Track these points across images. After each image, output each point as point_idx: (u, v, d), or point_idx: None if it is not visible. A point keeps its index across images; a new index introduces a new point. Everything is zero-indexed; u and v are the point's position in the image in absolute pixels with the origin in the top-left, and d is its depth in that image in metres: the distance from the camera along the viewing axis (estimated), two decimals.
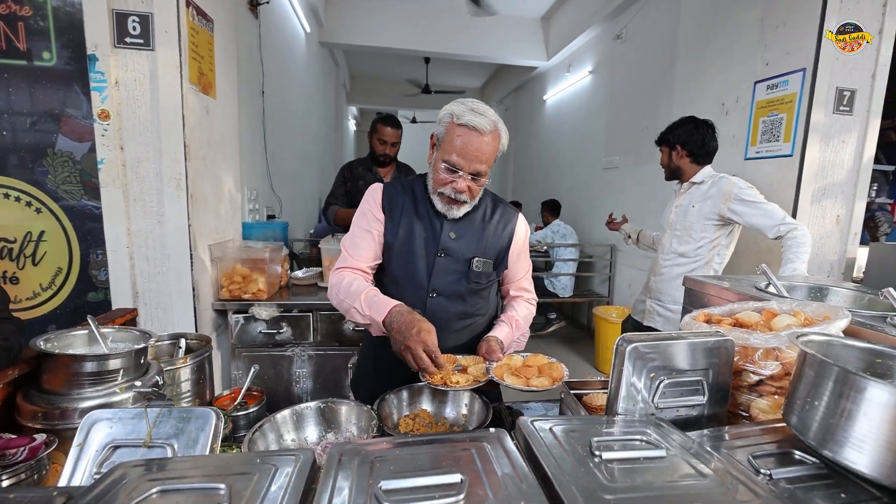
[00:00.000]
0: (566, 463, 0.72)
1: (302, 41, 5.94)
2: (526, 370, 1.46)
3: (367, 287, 1.57)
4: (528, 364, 1.52)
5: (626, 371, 0.92)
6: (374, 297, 1.52)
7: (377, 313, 1.48)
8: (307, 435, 1.47)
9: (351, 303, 1.54)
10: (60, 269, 2.43)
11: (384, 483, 0.64)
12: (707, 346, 0.97)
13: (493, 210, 1.75)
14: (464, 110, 1.52)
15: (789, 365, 1.03)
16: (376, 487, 0.63)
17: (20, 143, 2.30)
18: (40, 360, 1.21)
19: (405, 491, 0.63)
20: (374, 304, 1.50)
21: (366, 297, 1.52)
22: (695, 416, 0.97)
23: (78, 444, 0.85)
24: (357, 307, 1.52)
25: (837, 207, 2.98)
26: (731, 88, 3.48)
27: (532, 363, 1.53)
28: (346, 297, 1.56)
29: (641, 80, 5.42)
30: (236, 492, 0.63)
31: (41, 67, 2.28)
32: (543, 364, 1.53)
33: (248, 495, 0.63)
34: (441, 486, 0.64)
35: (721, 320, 1.23)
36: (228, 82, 2.90)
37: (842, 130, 2.91)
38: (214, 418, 0.87)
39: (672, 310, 2.63)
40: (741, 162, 3.34)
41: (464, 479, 0.65)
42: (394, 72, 11.42)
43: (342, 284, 1.60)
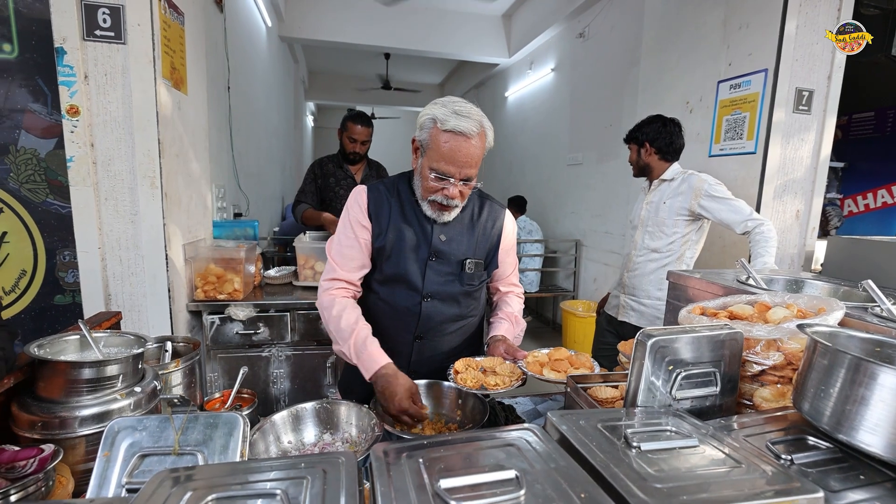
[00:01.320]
0: (608, 455, 0.74)
1: (263, 36, 5.81)
2: (559, 364, 1.51)
3: (354, 327, 1.56)
4: (557, 358, 1.55)
5: (647, 364, 0.95)
6: (363, 348, 1.53)
7: (364, 369, 1.51)
8: (304, 436, 1.46)
9: (340, 343, 1.57)
10: (24, 271, 2.32)
11: (443, 482, 0.65)
12: (719, 339, 1.02)
13: (481, 208, 1.74)
14: (447, 114, 1.47)
15: (791, 355, 1.09)
16: (436, 486, 0.64)
17: None
18: (34, 367, 1.16)
19: (465, 489, 0.64)
20: (362, 358, 1.52)
21: (355, 344, 1.54)
22: (707, 406, 1.02)
23: (104, 453, 0.82)
24: (345, 351, 1.56)
25: (797, 203, 3.14)
26: (695, 88, 3.61)
27: (560, 356, 1.56)
28: (336, 331, 1.58)
29: (605, 78, 5.55)
30: (293, 496, 0.63)
31: (2, 60, 2.16)
32: (570, 356, 1.57)
33: (306, 499, 0.63)
34: (498, 483, 0.66)
35: (716, 313, 1.29)
36: (199, 77, 2.81)
37: (801, 129, 3.06)
38: (242, 423, 0.86)
39: (646, 304, 2.72)
40: (705, 159, 3.48)
41: (518, 475, 0.67)
42: (353, 67, 11.34)
43: (332, 314, 1.59)
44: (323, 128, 15.63)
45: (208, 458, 0.81)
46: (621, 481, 0.66)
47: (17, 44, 2.17)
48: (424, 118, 1.52)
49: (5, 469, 0.93)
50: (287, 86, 8.12)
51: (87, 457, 1.11)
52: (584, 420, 0.87)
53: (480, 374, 1.51)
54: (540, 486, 0.65)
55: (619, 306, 2.86)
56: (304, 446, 1.42)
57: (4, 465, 0.93)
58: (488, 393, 1.43)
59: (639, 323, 2.74)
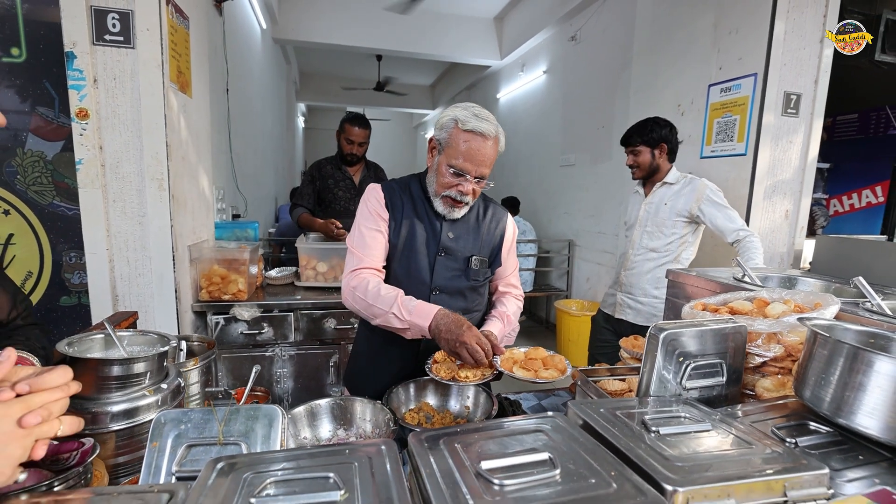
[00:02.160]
0: (630, 438, 0.80)
1: (258, 38, 5.84)
2: (531, 363, 1.54)
3: (397, 292, 1.59)
4: (532, 357, 1.60)
5: (660, 356, 1.01)
6: (413, 303, 1.56)
7: (420, 318, 1.53)
8: (320, 432, 1.50)
9: (386, 308, 1.56)
10: (31, 272, 2.35)
11: (483, 463, 0.70)
12: (725, 332, 1.08)
13: (486, 210, 1.84)
14: (468, 116, 1.60)
15: (791, 347, 1.15)
16: (478, 467, 0.70)
17: None
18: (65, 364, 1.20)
19: (504, 469, 0.70)
20: (416, 311, 1.54)
21: (402, 302, 1.56)
22: (714, 395, 1.08)
23: (153, 444, 0.86)
24: (395, 313, 1.55)
25: (786, 203, 3.23)
26: (686, 91, 3.69)
27: (535, 356, 1.60)
28: (377, 301, 1.58)
29: (597, 81, 5.64)
30: (347, 479, 0.68)
31: (10, 64, 2.19)
32: (546, 356, 1.62)
33: (358, 481, 0.68)
34: (534, 464, 0.72)
35: (717, 309, 1.35)
36: (202, 80, 2.85)
37: (789, 131, 3.15)
38: (280, 415, 0.90)
39: (643, 302, 2.79)
40: (697, 160, 3.56)
41: (552, 457, 0.72)
42: (345, 69, 11.35)
43: (368, 289, 1.60)
44: (314, 129, 15.61)
45: (251, 448, 0.86)
46: (646, 461, 0.72)
47: (25, 47, 2.19)
48: (446, 118, 1.64)
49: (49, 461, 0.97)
50: (280, 87, 8.15)
51: (117, 451, 1.15)
52: (604, 408, 0.93)
53: (455, 365, 1.55)
54: (572, 465, 0.71)
55: (616, 304, 2.93)
56: (320, 441, 1.47)
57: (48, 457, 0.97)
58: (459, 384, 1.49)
59: (636, 320, 2.81)
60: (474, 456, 0.74)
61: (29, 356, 1.11)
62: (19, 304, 1.32)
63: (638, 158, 2.78)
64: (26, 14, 2.18)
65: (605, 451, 0.76)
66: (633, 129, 2.79)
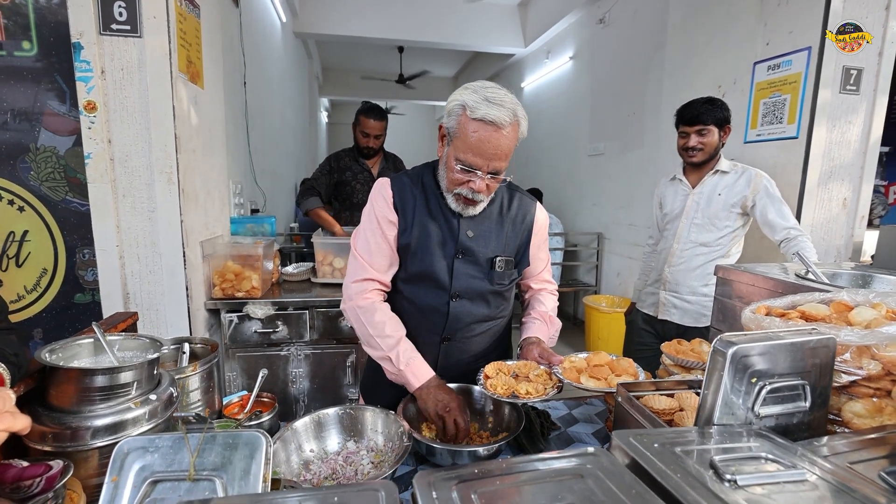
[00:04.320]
0: (697, 490, 0.64)
1: (278, 32, 5.79)
2: (598, 370, 1.39)
3: (400, 335, 1.52)
4: (596, 364, 1.44)
5: (727, 376, 0.84)
6: (410, 356, 1.49)
7: (412, 376, 1.46)
8: (327, 445, 1.40)
9: (384, 349, 1.50)
10: (46, 270, 2.30)
11: None
12: (809, 346, 0.89)
13: (511, 200, 1.63)
14: (478, 101, 1.36)
15: (890, 364, 0.97)
16: None
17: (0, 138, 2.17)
18: (45, 374, 1.10)
19: None
20: (411, 366, 1.47)
21: (403, 352, 1.49)
22: (794, 423, 0.90)
23: (112, 478, 0.76)
24: (392, 357, 1.49)
25: (844, 190, 2.94)
26: (727, 70, 3.43)
27: (599, 362, 1.44)
28: (378, 337, 1.52)
29: (627, 64, 5.37)
30: None
31: (21, 59, 2.14)
32: (610, 361, 1.46)
33: None
34: None
35: (785, 314, 1.16)
36: (215, 71, 2.76)
37: (848, 111, 2.85)
38: (264, 444, 0.78)
39: (690, 301, 2.59)
40: (740, 146, 3.29)
41: None
42: (367, 63, 11.27)
43: (374, 320, 1.53)
44: (337, 124, 15.62)
45: (227, 485, 0.74)
46: None
47: (37, 41, 2.13)
48: (453, 104, 1.41)
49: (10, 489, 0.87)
50: (301, 82, 8.10)
51: (100, 470, 1.04)
52: (658, 443, 0.77)
53: (512, 379, 1.42)
54: None
55: (659, 304, 2.73)
56: (328, 455, 1.36)
57: (9, 484, 0.87)
58: (521, 402, 1.34)
59: (682, 321, 2.63)
60: None
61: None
62: None
63: (705, 139, 2.49)
64: (36, 7, 2.12)
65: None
66: (700, 104, 2.49)
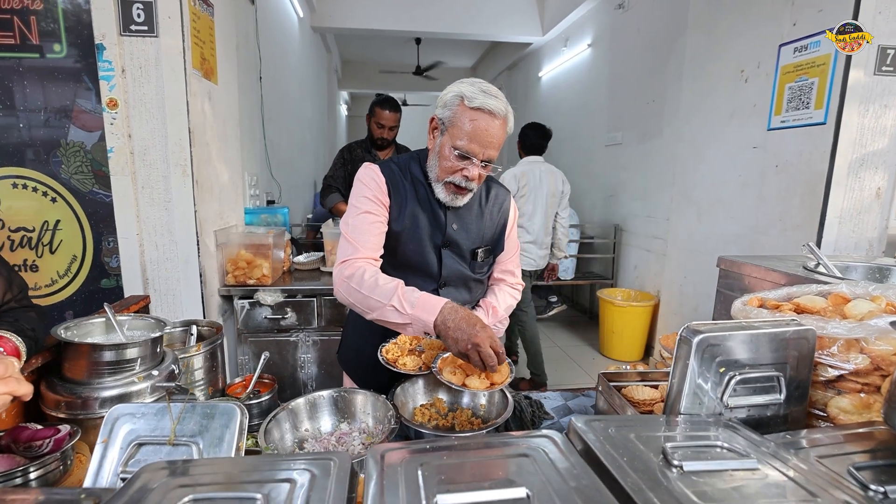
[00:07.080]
0: (642, 475, 0.65)
1: (295, 26, 5.90)
2: (467, 366, 1.34)
3: (397, 282, 1.42)
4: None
5: (693, 365, 0.83)
6: (416, 295, 1.39)
7: (425, 312, 1.35)
8: (321, 425, 1.47)
9: (384, 300, 1.39)
10: (75, 256, 2.47)
11: (440, 497, 0.58)
12: (785, 337, 0.88)
13: (488, 192, 1.69)
14: (475, 92, 1.43)
15: (879, 359, 0.94)
16: (432, 502, 0.59)
17: (35, 135, 2.35)
18: (61, 348, 1.24)
19: None
20: (419, 303, 1.37)
21: (403, 294, 1.38)
22: (769, 416, 0.89)
23: (102, 440, 0.86)
24: (395, 305, 1.37)
25: (878, 179, 2.73)
26: (751, 54, 3.29)
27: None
28: (374, 292, 1.41)
29: (647, 51, 5.27)
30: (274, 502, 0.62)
31: (53, 60, 2.30)
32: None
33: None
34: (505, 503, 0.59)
35: (779, 306, 1.14)
36: (229, 67, 2.88)
37: (884, 93, 2.63)
38: (239, 415, 0.88)
39: None
40: (764, 133, 3.16)
41: (530, 495, 0.60)
42: (385, 55, 11.36)
43: (364, 278, 1.43)
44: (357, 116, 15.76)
45: (203, 450, 0.84)
46: None
47: (66, 44, 2.28)
48: (449, 95, 1.48)
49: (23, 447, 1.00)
50: (320, 76, 8.22)
51: None
52: (615, 428, 0.77)
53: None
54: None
55: None
56: (321, 435, 1.41)
57: (23, 443, 1.00)
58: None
59: None
60: (436, 484, 0.63)
61: (12, 337, 1.14)
62: (14, 287, 1.37)
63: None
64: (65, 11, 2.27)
65: (605, 491, 0.61)
66: None
